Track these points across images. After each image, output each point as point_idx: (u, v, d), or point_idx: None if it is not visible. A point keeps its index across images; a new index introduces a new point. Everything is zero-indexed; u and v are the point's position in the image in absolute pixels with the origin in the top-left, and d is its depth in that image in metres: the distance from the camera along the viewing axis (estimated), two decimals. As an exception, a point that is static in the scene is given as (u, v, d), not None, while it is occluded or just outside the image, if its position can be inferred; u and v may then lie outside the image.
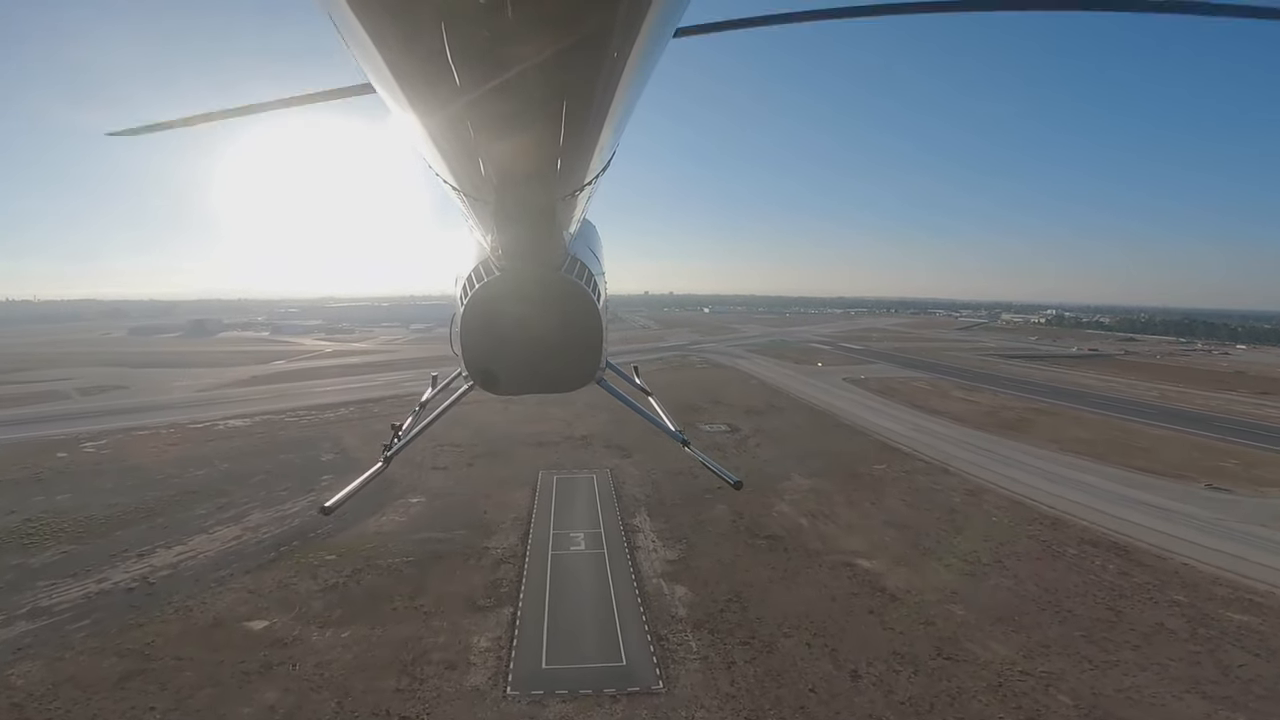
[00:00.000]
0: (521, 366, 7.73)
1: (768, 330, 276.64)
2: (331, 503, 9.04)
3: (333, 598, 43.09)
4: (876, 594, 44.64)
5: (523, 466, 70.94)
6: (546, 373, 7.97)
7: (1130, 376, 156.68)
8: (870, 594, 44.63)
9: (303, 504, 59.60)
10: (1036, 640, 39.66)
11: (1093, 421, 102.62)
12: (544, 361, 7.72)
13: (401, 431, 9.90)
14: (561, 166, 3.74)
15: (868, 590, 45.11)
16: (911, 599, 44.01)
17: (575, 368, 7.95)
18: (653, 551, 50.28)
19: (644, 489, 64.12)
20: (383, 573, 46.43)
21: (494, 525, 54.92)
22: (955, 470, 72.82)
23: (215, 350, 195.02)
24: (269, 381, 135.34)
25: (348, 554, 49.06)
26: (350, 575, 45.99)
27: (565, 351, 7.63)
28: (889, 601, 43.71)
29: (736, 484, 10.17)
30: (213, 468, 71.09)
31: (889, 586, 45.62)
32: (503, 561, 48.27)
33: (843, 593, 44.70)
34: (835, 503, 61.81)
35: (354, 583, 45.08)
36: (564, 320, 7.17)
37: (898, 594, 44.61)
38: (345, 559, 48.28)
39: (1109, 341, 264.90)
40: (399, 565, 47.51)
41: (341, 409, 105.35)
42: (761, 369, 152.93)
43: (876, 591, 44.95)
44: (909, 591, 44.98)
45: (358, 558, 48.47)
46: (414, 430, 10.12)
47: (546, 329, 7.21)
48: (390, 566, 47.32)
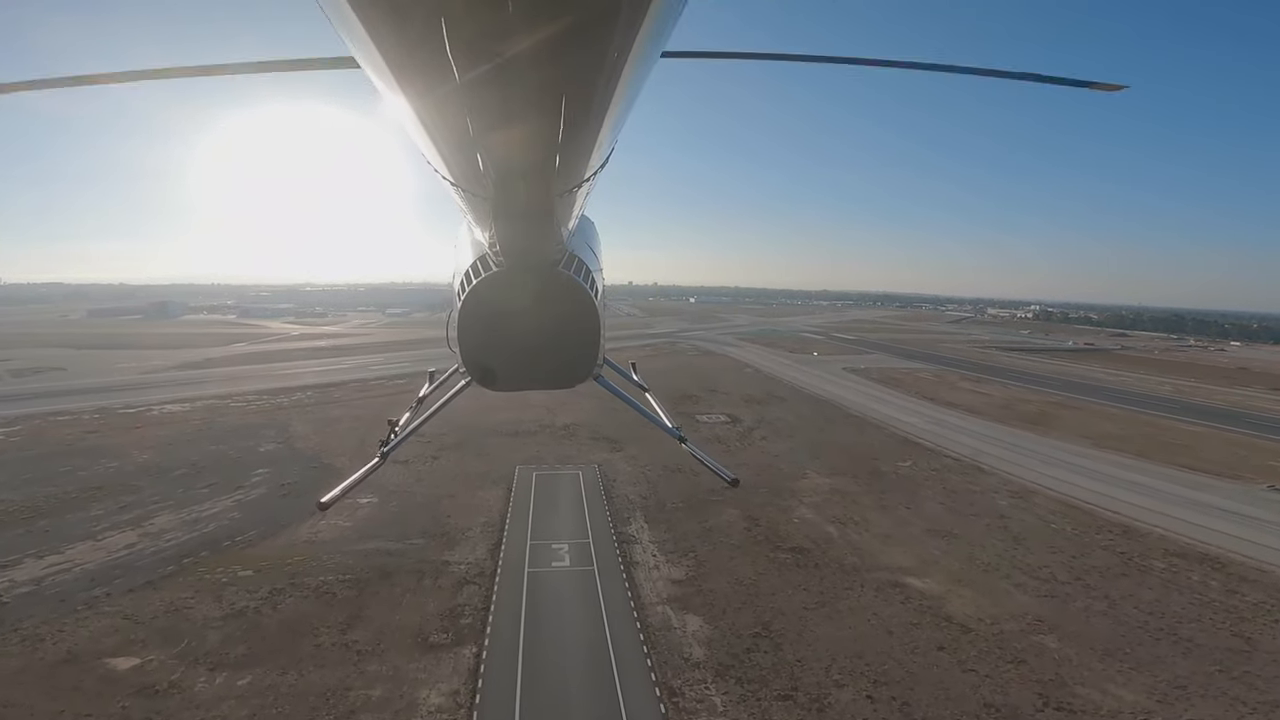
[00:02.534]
0: (519, 363, 7.58)
1: (756, 320, 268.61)
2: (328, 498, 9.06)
3: (236, 628, 32.78)
4: (942, 624, 35.31)
5: (497, 460, 60.75)
6: (544, 369, 7.85)
7: (1137, 370, 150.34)
8: (934, 624, 35.29)
9: (224, 504, 49.03)
10: (1165, 679, 30.65)
11: (1118, 416, 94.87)
12: (542, 358, 7.56)
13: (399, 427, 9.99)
14: (560, 163, 3.65)
15: (930, 619, 35.77)
16: (987, 629, 34.74)
17: (573, 364, 7.84)
18: (654, 569, 40.45)
19: (638, 488, 54.30)
20: (309, 595, 36.15)
21: (458, 533, 44.75)
22: (990, 468, 63.91)
23: (173, 332, 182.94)
24: (223, 364, 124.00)
25: (268, 569, 38.70)
26: (266, 598, 35.67)
27: (563, 348, 7.52)
28: (960, 634, 34.41)
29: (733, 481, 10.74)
30: (128, 459, 60.03)
31: (955, 614, 36.32)
32: (466, 582, 38.14)
33: (899, 623, 35.31)
34: (863, 506, 52.50)
35: (269, 608, 34.79)
36: (562, 317, 7.10)
37: (969, 623, 35.32)
38: (263, 576, 37.92)
39: (1101, 336, 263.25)
40: (332, 585, 37.23)
41: (298, 394, 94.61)
42: (755, 357, 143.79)
43: (941, 620, 35.62)
44: (982, 620, 35.71)
45: (280, 574, 38.11)
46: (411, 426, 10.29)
47: (544, 325, 7.18)
48: (320, 587, 37.02)
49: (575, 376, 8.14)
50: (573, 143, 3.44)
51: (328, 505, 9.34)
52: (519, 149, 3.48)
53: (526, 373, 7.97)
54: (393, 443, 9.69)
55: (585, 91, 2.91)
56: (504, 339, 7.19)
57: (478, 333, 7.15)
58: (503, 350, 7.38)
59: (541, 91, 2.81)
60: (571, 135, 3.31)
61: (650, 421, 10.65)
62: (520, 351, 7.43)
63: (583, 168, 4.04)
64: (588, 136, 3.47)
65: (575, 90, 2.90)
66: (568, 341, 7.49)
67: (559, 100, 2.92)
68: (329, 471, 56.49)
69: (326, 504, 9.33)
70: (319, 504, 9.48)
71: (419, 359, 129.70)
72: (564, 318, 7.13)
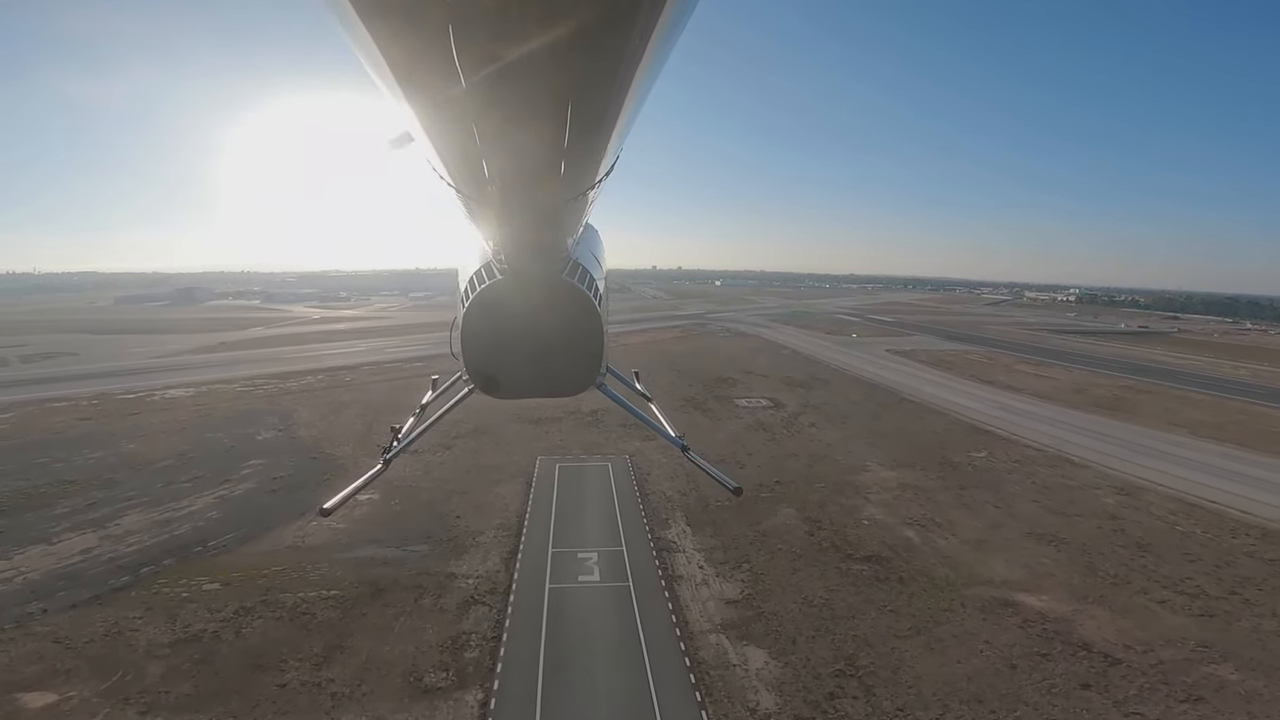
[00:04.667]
0: (522, 370, 7.59)
1: (785, 302, 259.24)
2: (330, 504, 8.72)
3: (185, 659, 26.28)
4: (1079, 653, 27.64)
5: (516, 450, 53.89)
6: (547, 377, 7.82)
7: (1203, 354, 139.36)
8: (1069, 654, 27.63)
9: (205, 501, 42.85)
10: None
11: (1203, 402, 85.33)
12: (545, 365, 7.58)
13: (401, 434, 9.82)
14: (565, 171, 3.63)
15: (1062, 647, 28.10)
16: (1140, 660, 27.10)
17: (576, 372, 7.80)
18: (703, 584, 33.21)
19: (676, 483, 47.05)
20: (282, 617, 29.54)
21: (468, 538, 37.95)
22: (1081, 460, 55.53)
23: (194, 317, 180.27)
24: (237, 348, 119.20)
25: (238, 582, 32.27)
26: (229, 620, 29.16)
27: (566, 355, 7.53)
28: (1107, 666, 26.78)
29: (736, 490, 9.87)
30: (113, 449, 54.33)
31: (1092, 640, 28.63)
32: (475, 601, 31.26)
33: (1023, 653, 27.70)
34: (942, 504, 44.70)
35: (230, 633, 28.27)
36: (565, 325, 7.12)
37: (1114, 652, 27.64)
38: (231, 590, 31.48)
39: (1153, 319, 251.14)
40: (312, 605, 30.61)
41: (307, 377, 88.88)
42: (791, 338, 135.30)
43: (1077, 649, 27.94)
44: (1130, 647, 28.02)
45: (251, 589, 31.64)
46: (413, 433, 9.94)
47: (548, 333, 7.20)
48: (297, 607, 30.43)
49: (578, 385, 7.92)
50: (579, 150, 3.33)
51: (329, 511, 8.70)
52: (524, 156, 3.39)
53: (530, 381, 7.79)
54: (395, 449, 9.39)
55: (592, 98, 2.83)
56: (507, 347, 7.16)
57: (481, 340, 7.13)
58: (506, 358, 7.33)
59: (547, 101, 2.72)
60: (577, 144, 3.21)
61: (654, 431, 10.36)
62: (523, 359, 7.35)
63: (589, 175, 3.87)
64: (594, 144, 3.37)
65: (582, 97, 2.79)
66: (571, 350, 7.36)
67: (565, 109, 2.82)
68: (328, 463, 50.19)
69: (329, 510, 8.72)
70: (321, 510, 8.90)
71: (437, 341, 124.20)
72: (567, 326, 7.03)
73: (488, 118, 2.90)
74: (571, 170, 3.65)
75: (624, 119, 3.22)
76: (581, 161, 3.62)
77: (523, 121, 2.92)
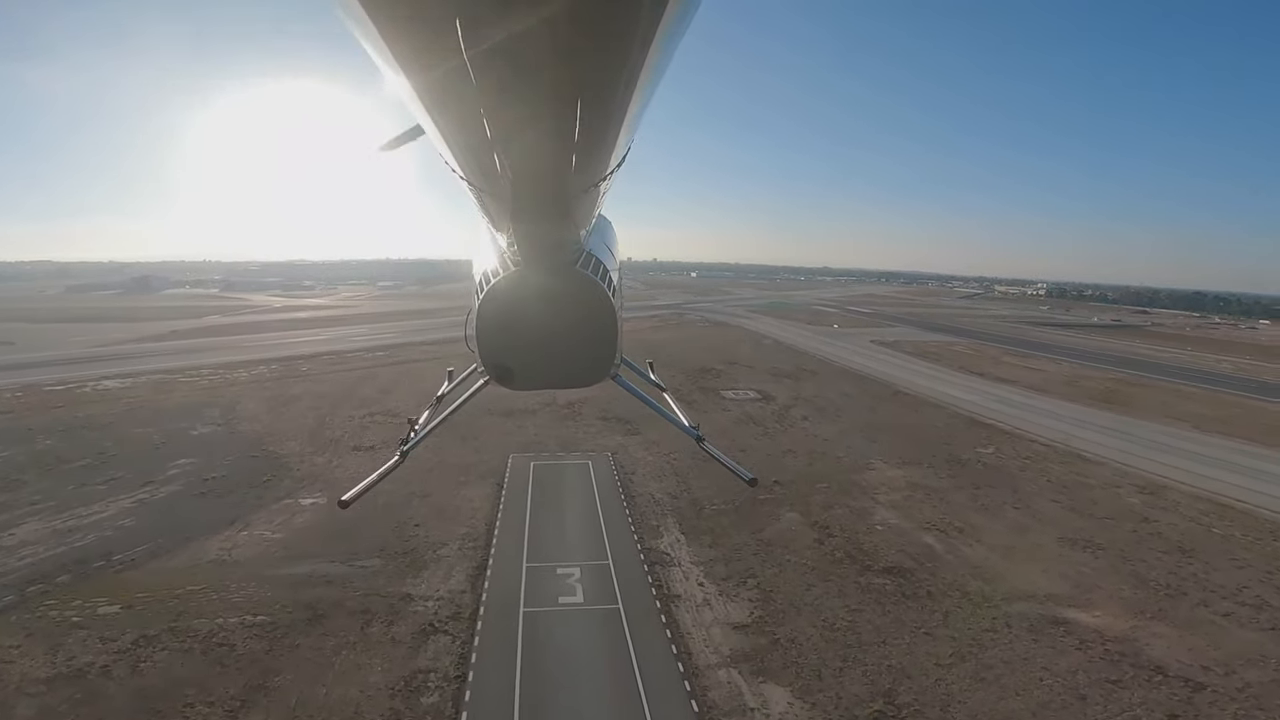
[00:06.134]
0: (537, 362, 7.52)
1: (762, 293, 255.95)
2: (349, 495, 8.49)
3: (64, 698, 20.80)
4: (1154, 679, 23.73)
5: (487, 447, 48.59)
6: (562, 369, 7.78)
7: (1184, 347, 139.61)
8: (1144, 680, 23.69)
9: (122, 504, 36.97)
10: None
11: (1198, 395, 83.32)
12: (559, 357, 7.51)
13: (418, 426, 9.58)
14: (577, 163, 3.51)
15: (1134, 672, 24.11)
16: (1225, 684, 23.48)
17: (590, 363, 7.71)
18: (705, 605, 28.43)
19: (665, 484, 42.27)
20: (193, 649, 24.06)
21: (429, 550, 32.70)
22: (1093, 456, 52.01)
23: (146, 306, 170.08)
24: (187, 336, 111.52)
25: (144, 604, 26.65)
26: (125, 651, 23.61)
27: (581, 348, 7.46)
28: (1191, 693, 22.98)
29: (751, 480, 9.59)
30: (26, 447, 47.81)
31: (1165, 662, 24.73)
32: (435, 629, 26.04)
33: (1091, 680, 23.56)
34: (958, 506, 40.59)
35: (124, 667, 22.74)
36: (579, 316, 7.05)
37: (1193, 676, 23.83)
38: (134, 615, 25.85)
39: (1124, 313, 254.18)
40: (231, 633, 25.14)
41: (259, 367, 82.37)
42: (772, 329, 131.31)
43: (1152, 674, 23.99)
44: (1210, 670, 24.27)
45: (159, 613, 26.06)
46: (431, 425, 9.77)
47: (562, 325, 7.11)
48: (213, 636, 24.92)
49: (593, 376, 7.82)
50: (590, 142, 3.21)
51: (348, 503, 8.39)
52: (536, 149, 3.27)
53: (544, 372, 7.73)
54: (412, 441, 9.21)
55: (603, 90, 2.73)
56: (522, 339, 7.00)
57: (495, 332, 6.98)
58: (520, 350, 7.20)
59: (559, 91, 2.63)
60: (588, 135, 3.10)
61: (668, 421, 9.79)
62: (538, 351, 7.23)
63: (600, 166, 3.75)
64: (605, 135, 3.26)
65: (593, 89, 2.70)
66: (586, 341, 7.25)
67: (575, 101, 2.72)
68: (270, 462, 44.41)
69: (347, 502, 8.40)
70: (340, 502, 8.54)
71: (405, 330, 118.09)
72: (582, 318, 6.92)
73: (499, 111, 2.81)
74: (583, 162, 3.50)
75: (634, 110, 3.10)
76: (593, 153, 3.47)
77: (534, 114, 2.84)
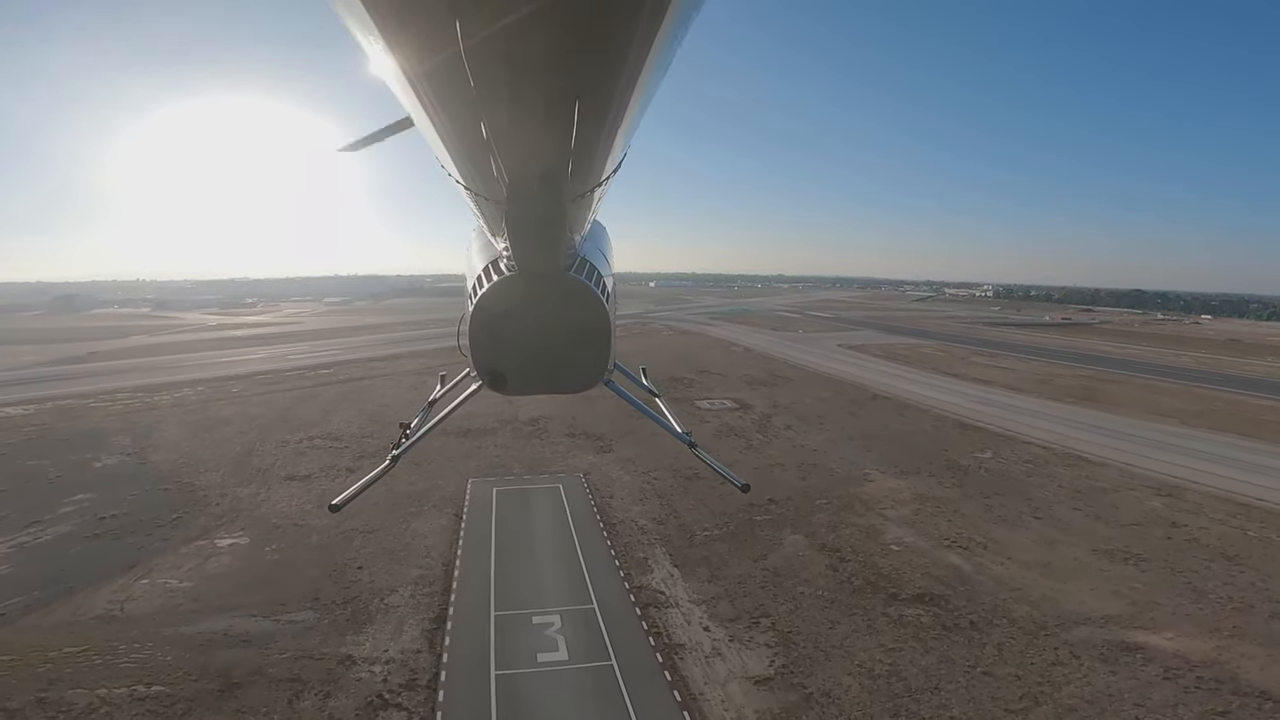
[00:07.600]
0: (529, 367, 7.13)
1: (722, 301, 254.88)
2: (339, 499, 7.66)
3: None
4: (1265, 707, 20.23)
5: (440, 471, 42.84)
6: (555, 374, 7.36)
7: (1141, 344, 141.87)
8: (1254, 709, 20.57)
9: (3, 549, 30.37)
10: None
11: (1173, 390, 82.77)
12: (552, 362, 7.12)
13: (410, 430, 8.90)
14: (573, 168, 3.45)
15: (1238, 701, 21.00)
16: None
17: (583, 369, 7.31)
18: (715, 655, 23.52)
19: (648, 508, 37.35)
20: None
21: (374, 599, 27.02)
22: (1095, 457, 49.06)
23: (66, 326, 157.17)
24: (108, 358, 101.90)
25: (8, 670, 20.41)
26: (-43, 778, 17.78)
27: (573, 353, 7.05)
28: None
29: (744, 487, 8.79)
30: (-111, 486, 40.31)
31: (1271, 688, 21.37)
32: (384, 701, 20.49)
33: (1198, 716, 19.59)
34: (974, 519, 36.73)
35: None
36: (573, 322, 6.69)
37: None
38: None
39: (1071, 312, 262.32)
40: (117, 708, 19.02)
41: (184, 389, 74.65)
42: (738, 335, 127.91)
43: (1261, 702, 20.73)
44: None
45: (26, 681, 19.85)
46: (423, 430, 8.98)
47: (555, 331, 6.78)
48: (93, 712, 19.15)
49: (586, 381, 7.33)
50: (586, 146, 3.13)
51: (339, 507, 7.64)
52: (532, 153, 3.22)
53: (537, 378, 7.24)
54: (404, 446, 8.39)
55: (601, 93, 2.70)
56: (515, 344, 6.65)
57: (488, 337, 6.59)
58: (513, 355, 6.77)
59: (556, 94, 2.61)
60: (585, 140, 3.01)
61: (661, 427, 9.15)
62: (531, 357, 6.82)
63: (596, 172, 3.71)
64: (602, 140, 3.18)
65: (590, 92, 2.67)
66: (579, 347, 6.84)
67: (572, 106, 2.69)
68: (183, 495, 37.91)
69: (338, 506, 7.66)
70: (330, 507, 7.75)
71: (350, 347, 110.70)
72: (575, 323, 6.51)
73: (495, 114, 2.78)
74: (579, 167, 3.43)
75: (632, 114, 3.08)
76: (589, 158, 3.40)
77: (531, 118, 2.79)
